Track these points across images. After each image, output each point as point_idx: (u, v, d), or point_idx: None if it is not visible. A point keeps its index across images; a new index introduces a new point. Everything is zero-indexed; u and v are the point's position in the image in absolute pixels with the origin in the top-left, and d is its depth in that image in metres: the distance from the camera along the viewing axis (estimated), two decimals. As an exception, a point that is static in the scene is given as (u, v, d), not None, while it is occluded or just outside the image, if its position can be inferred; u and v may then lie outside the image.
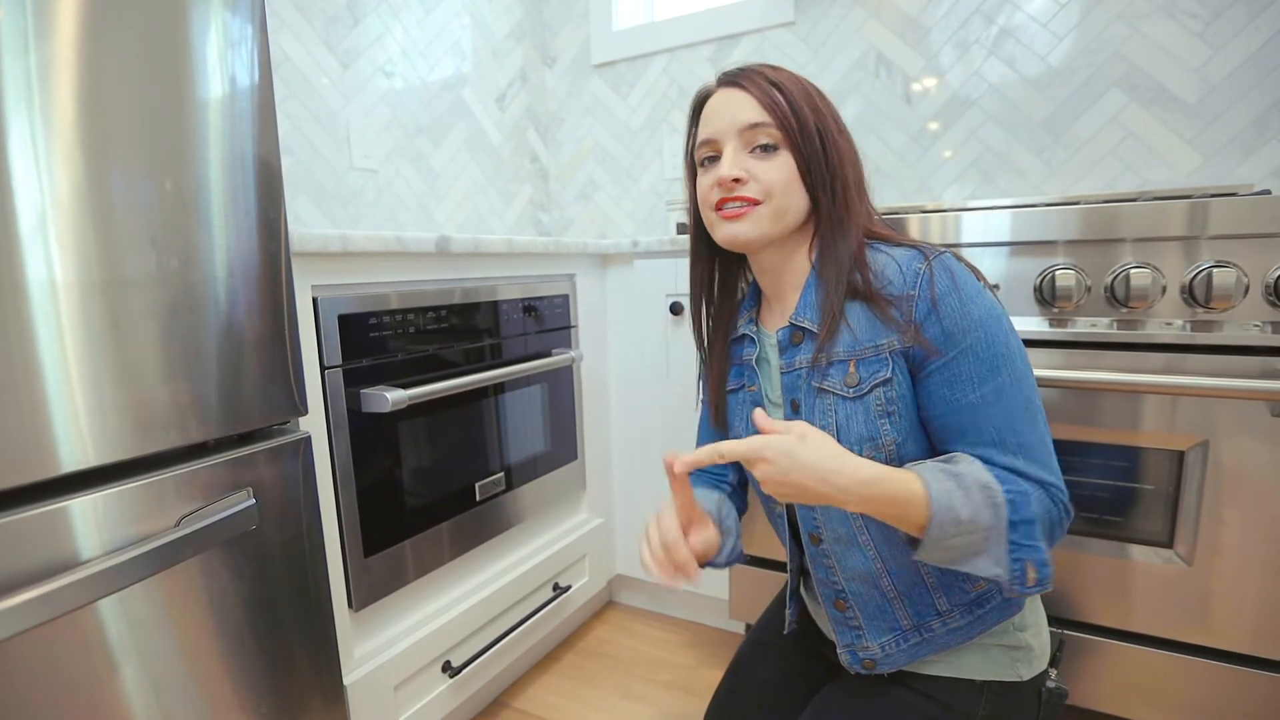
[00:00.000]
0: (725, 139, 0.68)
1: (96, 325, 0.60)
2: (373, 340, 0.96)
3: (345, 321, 0.92)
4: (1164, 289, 0.91)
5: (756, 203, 0.67)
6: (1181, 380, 0.88)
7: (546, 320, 1.31)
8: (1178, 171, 1.39)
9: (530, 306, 1.27)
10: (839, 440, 0.65)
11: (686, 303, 1.36)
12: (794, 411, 0.70)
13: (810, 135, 0.67)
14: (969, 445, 0.62)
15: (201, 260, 0.68)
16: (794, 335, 0.70)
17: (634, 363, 1.47)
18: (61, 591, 0.56)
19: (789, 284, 0.73)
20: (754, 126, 0.67)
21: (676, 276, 1.37)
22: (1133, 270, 0.91)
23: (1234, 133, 1.34)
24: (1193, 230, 0.89)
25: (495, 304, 1.19)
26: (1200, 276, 0.88)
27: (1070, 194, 1.47)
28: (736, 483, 0.88)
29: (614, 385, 1.52)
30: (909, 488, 0.57)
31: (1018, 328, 0.98)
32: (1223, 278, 0.87)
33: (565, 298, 1.36)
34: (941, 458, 0.63)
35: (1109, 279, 0.94)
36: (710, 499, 0.78)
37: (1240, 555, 0.92)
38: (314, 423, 0.88)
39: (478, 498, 1.17)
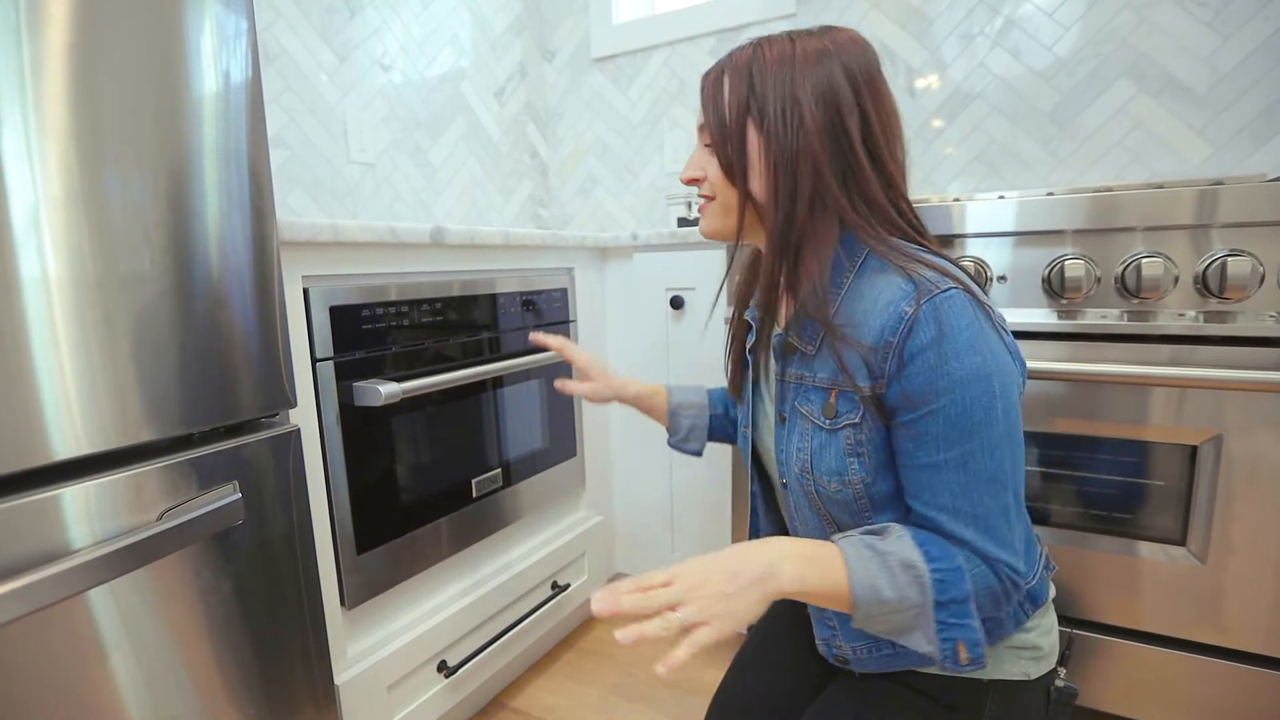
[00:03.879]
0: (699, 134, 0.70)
1: (89, 318, 0.59)
2: (366, 332, 0.94)
3: (337, 313, 0.90)
4: (1176, 279, 0.89)
5: (710, 199, 0.68)
6: (1194, 372, 0.86)
7: (544, 314, 1.29)
8: (1187, 162, 1.37)
9: (528, 300, 1.25)
10: (812, 469, 0.64)
11: (687, 296, 1.34)
12: (781, 424, 0.68)
13: (729, 138, 0.64)
14: (922, 505, 0.59)
15: (192, 253, 0.67)
16: (785, 346, 0.67)
17: (634, 357, 1.45)
18: (40, 584, 0.54)
19: None
20: (701, 128, 0.68)
21: (677, 270, 1.34)
22: (1144, 260, 0.89)
23: (1244, 122, 1.31)
24: (1206, 218, 0.86)
25: (492, 297, 1.17)
26: (1214, 266, 0.86)
27: (1077, 186, 1.44)
28: (722, 413, 0.94)
29: (613, 381, 1.50)
30: (834, 566, 0.55)
31: (1025, 320, 0.97)
32: (1237, 267, 0.84)
33: (564, 291, 1.34)
34: (874, 529, 0.60)
35: (1119, 269, 0.91)
36: (693, 390, 0.94)
37: (1255, 552, 0.90)
38: (305, 416, 0.86)
39: (474, 494, 1.15)
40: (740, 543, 0.58)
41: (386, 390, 0.91)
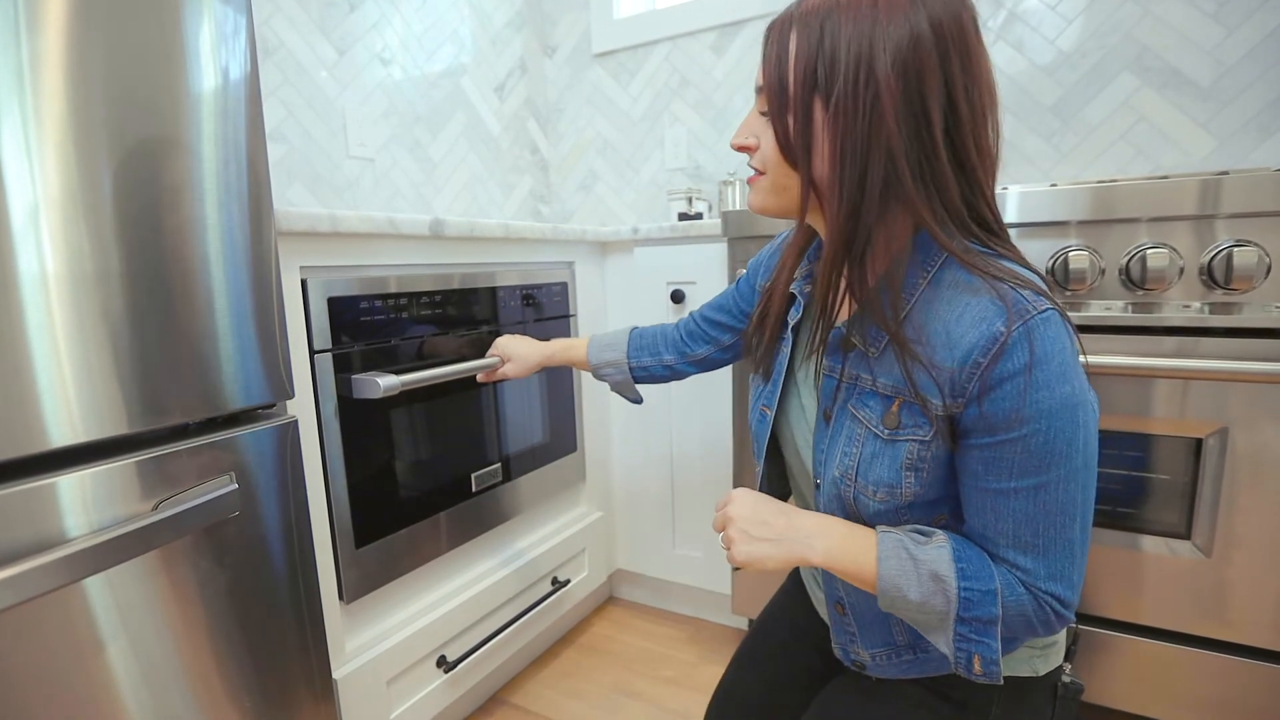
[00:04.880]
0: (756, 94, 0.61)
1: (86, 309, 0.59)
2: (364, 324, 0.94)
3: (335, 304, 0.89)
4: (1181, 270, 0.88)
5: (761, 173, 0.60)
6: (1199, 364, 0.85)
7: (545, 308, 1.29)
8: (1191, 156, 1.36)
9: (528, 294, 1.24)
10: (856, 476, 0.60)
11: (687, 290, 1.33)
12: (825, 422, 0.64)
13: (790, 107, 0.54)
14: (981, 525, 0.55)
15: (190, 245, 0.67)
16: (844, 342, 0.61)
17: (634, 353, 1.44)
18: (33, 573, 0.53)
19: None
20: (759, 90, 0.58)
21: (677, 264, 1.34)
22: (1149, 251, 0.88)
23: (1249, 115, 1.30)
24: (1210, 209, 0.86)
25: (492, 290, 1.16)
26: (1219, 257, 0.85)
27: (1081, 180, 1.44)
28: (674, 362, 0.93)
29: (614, 376, 1.49)
30: (866, 557, 0.57)
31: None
32: (1243, 258, 0.84)
33: (564, 285, 1.33)
34: (920, 529, 0.58)
35: (1124, 260, 0.91)
36: (612, 343, 0.96)
37: (1261, 546, 0.89)
38: (302, 408, 0.86)
39: (474, 488, 1.14)
40: (796, 507, 0.63)
41: (385, 383, 0.90)
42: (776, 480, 0.78)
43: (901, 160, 0.51)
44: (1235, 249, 0.84)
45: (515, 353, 1.04)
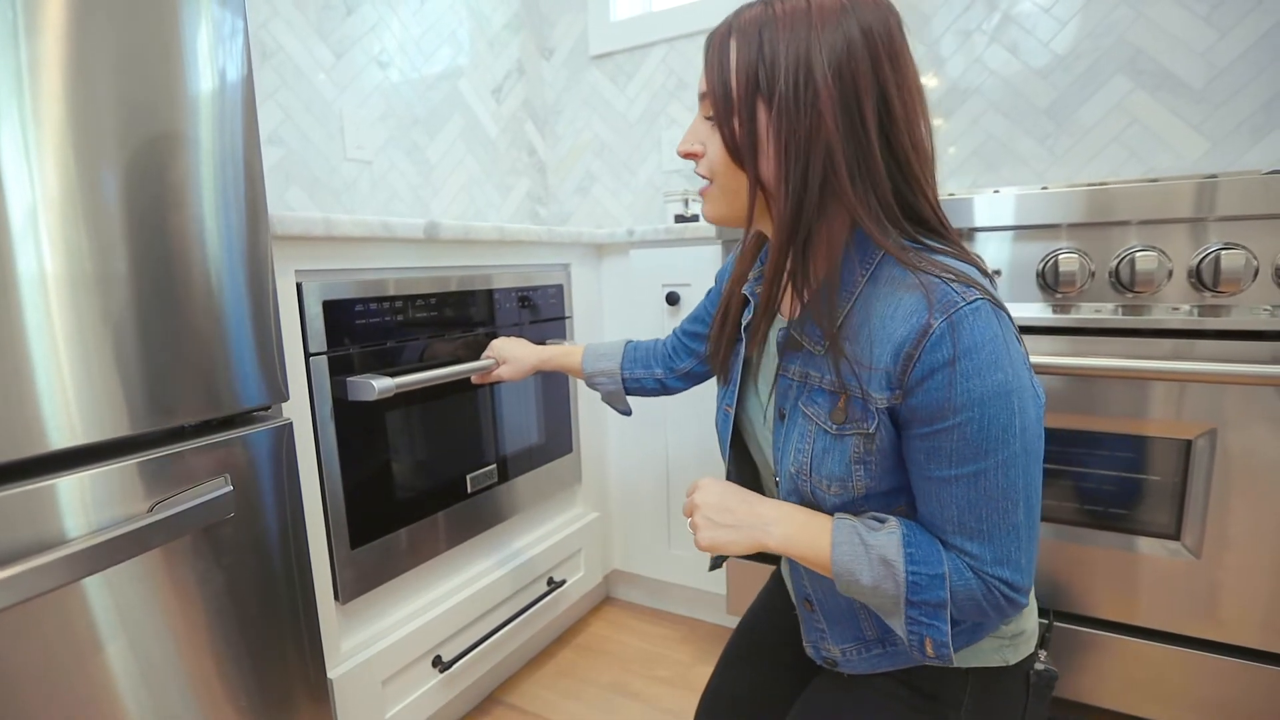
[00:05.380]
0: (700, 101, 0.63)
1: (85, 312, 0.60)
2: (360, 327, 0.94)
3: (331, 307, 0.90)
4: (1170, 272, 0.89)
5: (709, 180, 0.63)
6: (1189, 366, 0.86)
7: (541, 310, 1.29)
8: (1184, 158, 1.37)
9: (524, 296, 1.25)
10: (810, 471, 0.62)
11: (683, 292, 1.34)
12: (780, 420, 0.66)
13: (735, 112, 0.56)
14: (928, 514, 0.57)
15: (187, 248, 0.67)
16: (790, 341, 0.63)
17: (630, 354, 1.45)
18: (28, 574, 0.54)
19: None
20: (702, 96, 0.60)
21: (673, 266, 1.34)
22: (1138, 253, 0.89)
23: (1242, 117, 1.31)
24: (1200, 211, 0.86)
25: (489, 293, 1.17)
26: (1208, 259, 0.86)
27: (1075, 182, 1.44)
28: (664, 376, 0.94)
29: (610, 378, 1.50)
30: (821, 542, 0.59)
31: (1019, 314, 0.97)
32: (1231, 260, 0.84)
33: (560, 288, 1.34)
34: (875, 516, 0.60)
35: (1114, 263, 0.91)
36: (608, 354, 0.98)
37: (1250, 547, 0.90)
38: (298, 411, 0.86)
39: (469, 489, 1.15)
40: (761, 495, 0.65)
41: (380, 385, 0.91)
42: (746, 475, 0.80)
43: (839, 157, 0.54)
44: (1223, 252, 0.85)
45: (510, 355, 1.05)
